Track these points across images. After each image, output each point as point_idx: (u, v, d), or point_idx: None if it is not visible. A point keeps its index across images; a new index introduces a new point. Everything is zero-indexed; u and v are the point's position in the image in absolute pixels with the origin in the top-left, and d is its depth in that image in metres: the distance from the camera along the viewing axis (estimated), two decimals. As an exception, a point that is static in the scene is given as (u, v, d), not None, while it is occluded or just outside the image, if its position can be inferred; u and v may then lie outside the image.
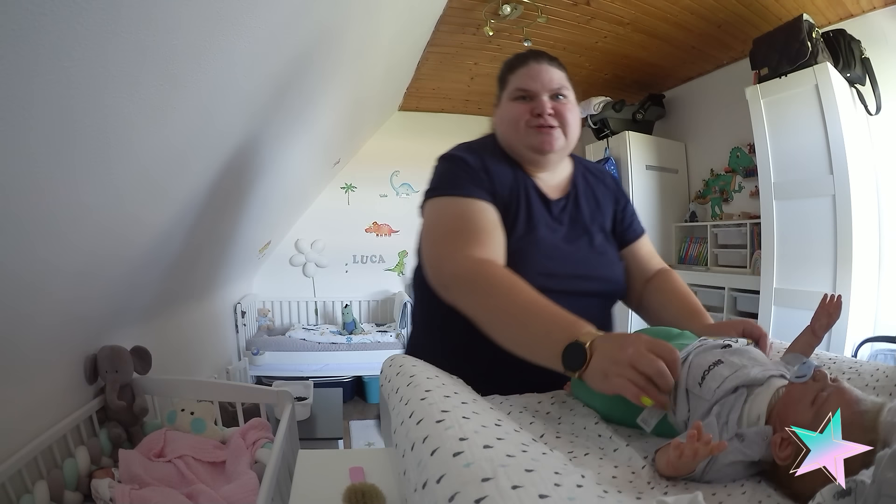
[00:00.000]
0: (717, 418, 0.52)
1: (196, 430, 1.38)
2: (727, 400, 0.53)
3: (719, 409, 0.53)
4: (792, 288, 2.38)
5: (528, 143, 0.89)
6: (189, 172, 1.26)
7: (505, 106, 0.93)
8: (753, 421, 0.52)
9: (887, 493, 0.33)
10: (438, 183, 0.89)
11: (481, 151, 0.92)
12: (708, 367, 0.58)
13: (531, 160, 0.92)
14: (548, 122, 0.88)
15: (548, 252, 0.85)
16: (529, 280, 0.77)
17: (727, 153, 3.20)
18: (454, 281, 0.79)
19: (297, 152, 2.23)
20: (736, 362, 0.57)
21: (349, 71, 2.02)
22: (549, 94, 0.89)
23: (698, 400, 0.56)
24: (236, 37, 0.97)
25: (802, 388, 0.50)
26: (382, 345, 3.36)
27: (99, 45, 0.64)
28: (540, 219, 0.89)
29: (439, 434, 0.37)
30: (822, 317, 0.67)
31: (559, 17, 2.55)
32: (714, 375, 0.56)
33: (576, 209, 0.94)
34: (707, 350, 0.61)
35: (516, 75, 0.92)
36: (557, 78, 0.91)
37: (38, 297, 1.00)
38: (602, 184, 1.02)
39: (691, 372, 0.58)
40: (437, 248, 0.83)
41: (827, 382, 0.49)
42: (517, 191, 0.89)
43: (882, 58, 2.29)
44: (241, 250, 2.65)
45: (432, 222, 0.87)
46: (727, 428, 0.52)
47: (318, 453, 0.67)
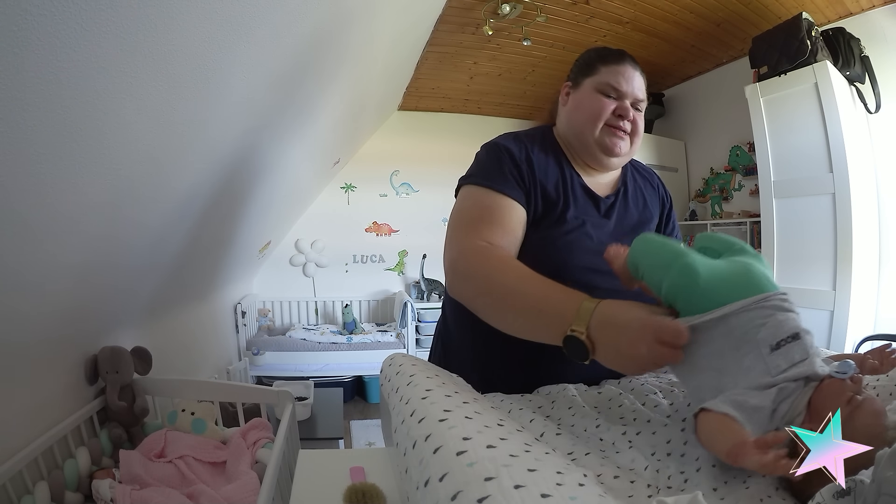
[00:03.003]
0: (772, 403, 0.48)
1: (197, 431, 1.38)
2: (787, 387, 0.50)
3: (776, 394, 0.49)
4: (792, 286, 2.38)
5: (600, 139, 0.88)
6: (189, 173, 1.26)
7: (589, 95, 0.90)
8: (795, 415, 0.49)
9: (887, 491, 0.33)
10: (474, 171, 0.90)
11: (529, 142, 0.92)
12: (785, 337, 0.52)
13: (594, 157, 0.91)
14: (625, 128, 0.88)
15: (594, 248, 0.84)
16: (575, 274, 0.79)
17: (727, 152, 3.20)
18: (453, 273, 0.80)
19: (296, 152, 2.23)
20: (808, 344, 0.52)
21: (349, 70, 2.01)
22: (631, 100, 0.89)
23: (758, 360, 0.52)
24: (236, 37, 0.97)
25: (840, 385, 0.49)
26: (383, 344, 3.36)
27: (99, 46, 0.64)
28: (587, 214, 0.88)
29: (442, 433, 0.37)
30: (876, 359, 0.59)
31: (559, 16, 2.55)
32: (786, 353, 0.52)
33: (624, 208, 0.94)
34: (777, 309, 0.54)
35: (611, 70, 0.89)
36: (642, 88, 0.90)
37: (39, 298, 1.00)
38: (650, 184, 1.03)
39: (768, 327, 0.53)
40: (451, 235, 0.85)
41: (861, 387, 0.49)
42: (564, 186, 0.89)
43: (881, 56, 2.29)
44: (241, 250, 2.65)
45: (457, 209, 0.88)
46: (773, 418, 0.49)
47: (319, 453, 0.67)
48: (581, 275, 0.80)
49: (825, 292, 2.24)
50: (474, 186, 0.87)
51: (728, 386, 0.52)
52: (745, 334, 0.53)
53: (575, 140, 0.92)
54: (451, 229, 0.86)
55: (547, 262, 0.80)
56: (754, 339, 0.53)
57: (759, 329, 0.53)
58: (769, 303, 0.54)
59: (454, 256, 0.80)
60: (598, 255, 0.82)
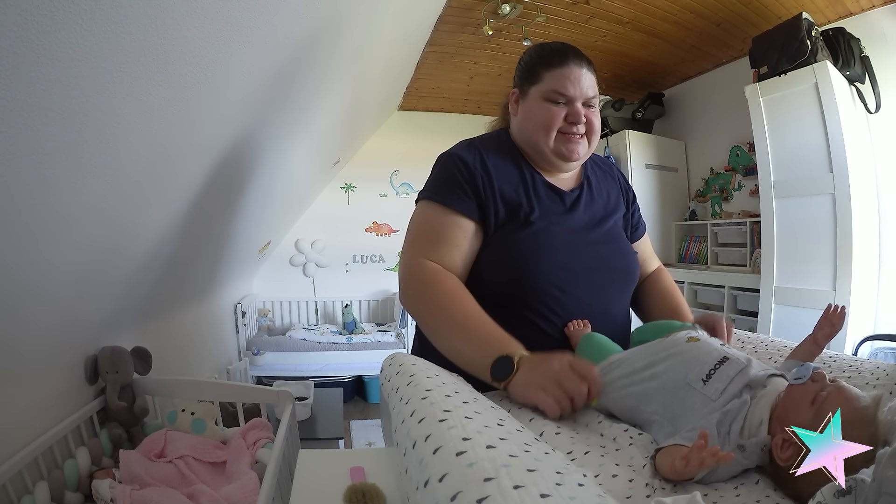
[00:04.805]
0: (718, 427, 0.52)
1: (196, 431, 1.38)
2: (731, 408, 0.53)
3: (721, 417, 0.52)
4: (792, 286, 2.38)
5: (555, 149, 0.88)
6: (190, 173, 1.26)
7: (536, 104, 0.88)
8: (756, 426, 0.51)
9: (887, 490, 0.33)
10: (428, 185, 0.92)
11: (485, 148, 0.91)
12: (713, 365, 0.57)
13: (552, 164, 0.90)
14: (579, 132, 0.87)
15: (562, 245, 0.85)
16: (543, 274, 0.81)
17: (727, 152, 3.20)
18: (404, 282, 0.85)
19: (296, 152, 2.23)
20: (739, 358, 0.57)
21: (349, 70, 2.01)
22: (582, 101, 0.86)
23: (696, 395, 0.56)
24: (236, 37, 0.97)
25: (802, 389, 0.50)
26: (383, 344, 3.36)
27: (99, 46, 0.64)
28: (553, 212, 0.88)
29: (441, 433, 0.37)
30: (825, 326, 0.66)
31: (559, 16, 2.55)
32: (720, 376, 0.56)
33: (590, 199, 0.94)
34: (692, 346, 0.63)
35: (554, 75, 0.86)
36: (592, 84, 0.88)
37: (39, 298, 1.00)
38: (610, 176, 1.03)
39: (692, 367, 0.59)
40: (404, 250, 0.90)
41: (826, 383, 0.49)
42: (525, 186, 0.89)
43: (881, 56, 2.29)
44: (241, 250, 2.65)
45: (411, 224, 0.92)
46: (729, 438, 0.51)
47: (319, 453, 0.67)
48: (549, 274, 0.81)
49: (825, 292, 2.24)
50: (427, 202, 0.90)
51: (682, 428, 0.56)
52: (676, 384, 0.59)
53: (530, 150, 0.92)
54: (405, 243, 0.91)
55: (515, 264, 0.82)
56: (685, 382, 0.58)
57: (686, 374, 0.59)
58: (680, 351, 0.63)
59: (406, 272, 0.86)
60: (566, 251, 0.84)
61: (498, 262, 0.84)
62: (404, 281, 0.86)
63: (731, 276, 2.86)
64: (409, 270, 0.85)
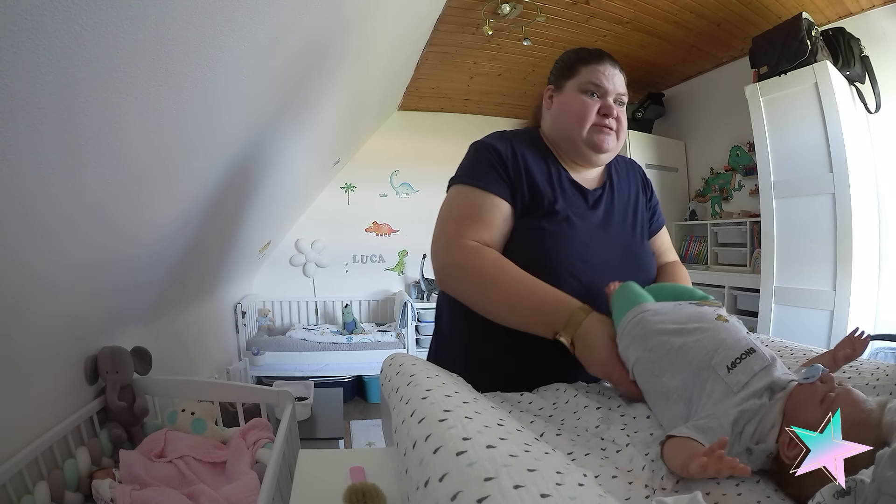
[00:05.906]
0: (732, 426, 0.51)
1: (197, 431, 1.38)
2: (749, 408, 0.52)
3: (738, 416, 0.52)
4: (792, 286, 2.38)
5: (588, 139, 0.91)
6: (190, 173, 1.26)
7: (572, 96, 0.93)
8: (767, 429, 0.51)
9: (887, 491, 0.33)
10: (461, 171, 0.94)
11: (516, 140, 0.94)
12: (740, 354, 0.57)
13: (583, 156, 0.93)
14: (611, 125, 0.91)
15: (582, 238, 0.87)
16: (562, 263, 0.84)
17: (727, 151, 3.20)
18: (447, 263, 0.86)
19: (296, 152, 2.23)
20: (765, 354, 0.56)
21: (349, 71, 2.01)
22: (614, 97, 0.92)
23: (718, 382, 0.55)
24: (236, 37, 0.97)
25: (811, 388, 0.50)
26: (383, 344, 3.36)
27: (99, 46, 0.64)
28: (575, 206, 0.91)
29: (442, 433, 0.37)
30: (847, 347, 0.64)
31: (558, 16, 2.55)
32: (745, 367, 0.55)
33: (611, 199, 0.96)
34: (721, 326, 0.62)
35: (590, 69, 0.92)
36: (623, 85, 0.94)
37: (39, 298, 1.00)
38: (632, 173, 1.06)
39: (719, 349, 0.58)
40: (439, 233, 0.90)
41: (834, 384, 0.50)
42: (551, 180, 0.91)
43: (881, 56, 2.29)
44: (241, 250, 2.65)
45: (444, 208, 0.92)
46: (740, 439, 0.51)
47: (319, 453, 0.67)
48: (568, 264, 0.84)
49: (825, 292, 2.24)
50: (462, 185, 0.91)
51: (696, 412, 0.55)
52: (701, 362, 0.58)
53: (563, 141, 0.95)
54: (440, 226, 0.90)
55: (536, 252, 0.84)
56: (709, 365, 0.57)
57: (712, 355, 0.57)
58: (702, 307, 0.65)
59: (445, 253, 0.86)
60: (585, 245, 0.87)
61: (519, 245, 0.87)
62: (446, 261, 0.86)
63: (731, 276, 2.86)
64: (451, 251, 0.85)
